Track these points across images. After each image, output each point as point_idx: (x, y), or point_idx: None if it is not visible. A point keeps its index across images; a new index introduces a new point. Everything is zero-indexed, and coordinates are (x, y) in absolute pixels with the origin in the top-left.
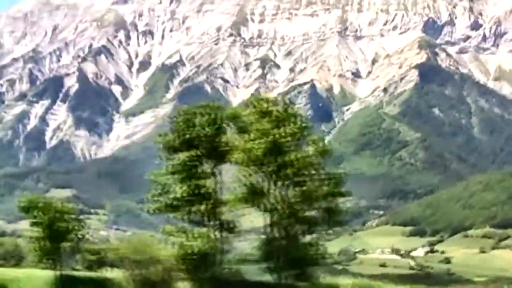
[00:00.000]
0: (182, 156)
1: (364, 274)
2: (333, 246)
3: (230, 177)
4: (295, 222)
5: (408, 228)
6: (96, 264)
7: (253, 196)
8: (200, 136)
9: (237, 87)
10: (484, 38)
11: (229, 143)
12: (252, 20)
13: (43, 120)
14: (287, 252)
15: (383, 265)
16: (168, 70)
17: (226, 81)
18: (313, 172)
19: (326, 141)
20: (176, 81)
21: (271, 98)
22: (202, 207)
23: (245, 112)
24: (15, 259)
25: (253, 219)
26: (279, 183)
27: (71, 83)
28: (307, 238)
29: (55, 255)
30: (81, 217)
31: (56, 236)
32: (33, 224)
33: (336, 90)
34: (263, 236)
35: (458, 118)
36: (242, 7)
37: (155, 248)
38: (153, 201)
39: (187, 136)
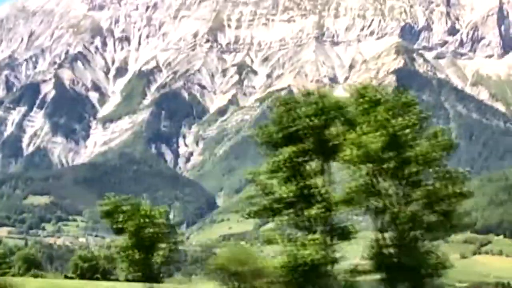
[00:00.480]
0: (287, 151)
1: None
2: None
3: (337, 176)
4: (414, 226)
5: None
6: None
7: (366, 196)
8: (306, 128)
9: (214, 93)
10: (461, 43)
11: (339, 136)
12: (229, 26)
13: (20, 126)
14: (401, 261)
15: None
16: (145, 76)
17: (203, 87)
18: (436, 169)
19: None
20: (153, 87)
21: (376, 86)
22: (313, 211)
23: (351, 102)
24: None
25: (360, 223)
26: (397, 182)
27: (48, 90)
28: (425, 244)
29: (144, 266)
30: (59, 224)
31: (145, 245)
32: (117, 231)
33: None
34: (370, 242)
35: (436, 123)
36: (219, 13)
37: (258, 258)
38: (250, 203)
39: (292, 128)
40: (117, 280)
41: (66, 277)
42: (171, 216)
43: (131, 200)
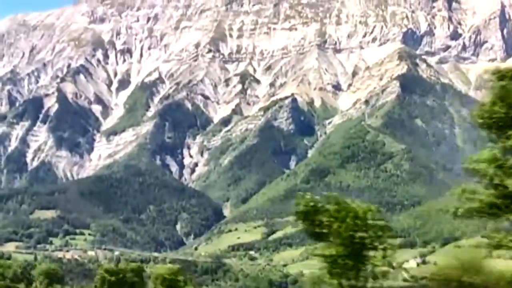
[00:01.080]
0: None
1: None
2: None
3: None
4: None
5: (398, 240)
6: None
7: None
8: None
9: (217, 103)
10: (464, 48)
11: None
12: (231, 35)
13: (23, 141)
14: None
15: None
16: (148, 88)
17: (207, 97)
18: None
19: (309, 155)
20: (156, 99)
21: None
22: None
23: None
24: None
25: None
26: None
27: (51, 104)
28: None
29: (357, 280)
30: (67, 237)
31: (358, 254)
32: (317, 236)
33: (317, 104)
34: None
35: (441, 128)
36: (220, 23)
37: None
38: (466, 199)
39: None
40: None
41: None
42: (178, 227)
43: (335, 199)
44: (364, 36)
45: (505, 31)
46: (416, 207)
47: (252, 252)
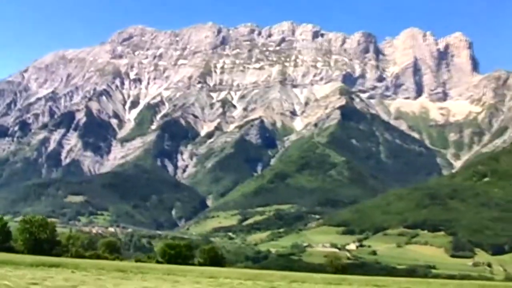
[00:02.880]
0: None
1: (314, 263)
2: (285, 242)
3: None
4: None
5: (341, 228)
6: None
7: None
8: None
9: (204, 121)
10: (387, 88)
11: None
12: (215, 71)
13: (59, 144)
14: None
15: (326, 256)
16: (152, 108)
17: (196, 117)
18: None
19: (272, 162)
20: (159, 116)
21: None
22: None
23: None
24: None
25: None
26: None
27: (80, 117)
28: None
29: None
30: (91, 217)
31: None
32: None
33: (279, 125)
34: None
35: (370, 146)
36: (208, 62)
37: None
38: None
39: None
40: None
41: (157, 261)
42: (173, 212)
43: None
44: (314, 76)
45: (417, 77)
46: (354, 204)
47: (230, 234)
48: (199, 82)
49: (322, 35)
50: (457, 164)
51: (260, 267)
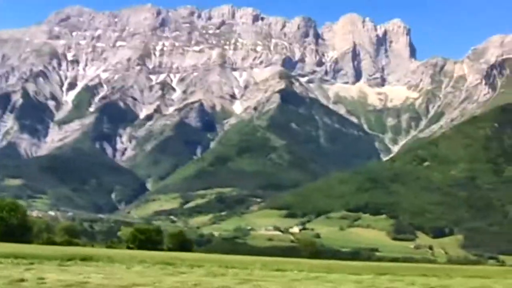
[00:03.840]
0: None
1: (260, 246)
2: (228, 225)
3: None
4: None
5: (283, 211)
6: None
7: None
8: None
9: (143, 103)
10: (326, 73)
11: None
12: (154, 54)
13: None
14: None
15: (270, 239)
16: (90, 90)
17: (135, 99)
18: None
19: (211, 145)
20: (97, 98)
21: None
22: None
23: None
24: None
25: None
26: None
27: (17, 98)
28: None
29: None
30: (29, 200)
31: None
32: None
33: (218, 108)
34: None
35: (309, 130)
36: (147, 44)
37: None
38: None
39: None
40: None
41: (128, 247)
42: (113, 196)
43: None
44: (254, 59)
45: (355, 62)
46: (295, 188)
47: (172, 217)
48: (138, 64)
49: (262, 18)
50: (395, 148)
51: (206, 251)
